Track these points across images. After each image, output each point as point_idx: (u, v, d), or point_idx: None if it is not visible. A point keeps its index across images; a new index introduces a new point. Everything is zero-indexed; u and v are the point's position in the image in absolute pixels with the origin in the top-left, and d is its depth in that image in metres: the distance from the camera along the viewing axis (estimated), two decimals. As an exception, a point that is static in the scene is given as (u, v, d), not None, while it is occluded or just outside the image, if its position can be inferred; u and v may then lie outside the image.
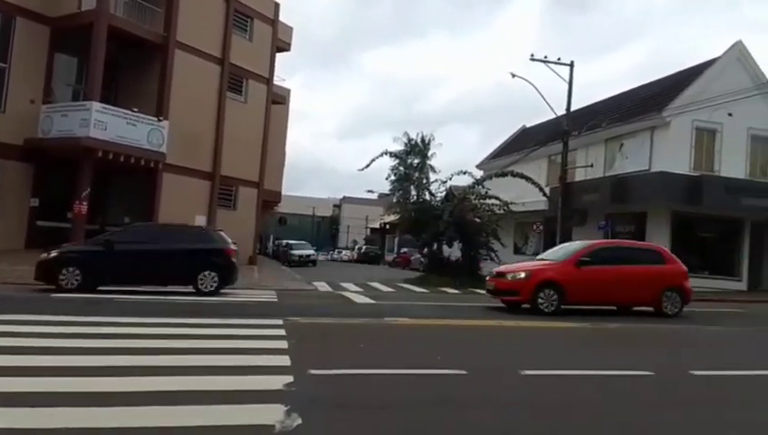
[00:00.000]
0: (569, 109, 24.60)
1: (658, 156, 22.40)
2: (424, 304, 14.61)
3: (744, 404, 5.80)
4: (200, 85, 23.70)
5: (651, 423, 4.87)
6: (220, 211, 25.01)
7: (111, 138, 19.74)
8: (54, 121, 19.93)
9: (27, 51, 20.10)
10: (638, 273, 13.04)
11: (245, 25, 26.41)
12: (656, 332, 11.19)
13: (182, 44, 22.81)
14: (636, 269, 13.10)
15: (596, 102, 30.33)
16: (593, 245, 13.93)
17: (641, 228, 22.99)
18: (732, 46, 23.32)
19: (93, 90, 19.93)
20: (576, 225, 25.32)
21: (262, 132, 27.37)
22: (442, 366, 6.54)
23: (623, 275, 12.80)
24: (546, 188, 25.37)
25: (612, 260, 13.10)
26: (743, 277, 22.93)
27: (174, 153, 22.02)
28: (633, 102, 25.92)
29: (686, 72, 24.67)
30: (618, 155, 24.70)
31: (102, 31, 19.88)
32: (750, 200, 21.51)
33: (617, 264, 13.01)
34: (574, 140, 25.13)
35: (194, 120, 23.24)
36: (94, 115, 19.28)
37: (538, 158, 28.18)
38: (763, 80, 22.71)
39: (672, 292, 13.21)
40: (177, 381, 5.36)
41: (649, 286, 12.95)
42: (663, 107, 22.38)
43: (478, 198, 23.75)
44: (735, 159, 22.67)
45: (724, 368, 7.47)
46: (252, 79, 26.69)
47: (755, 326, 13.06)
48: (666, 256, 14.13)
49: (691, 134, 22.44)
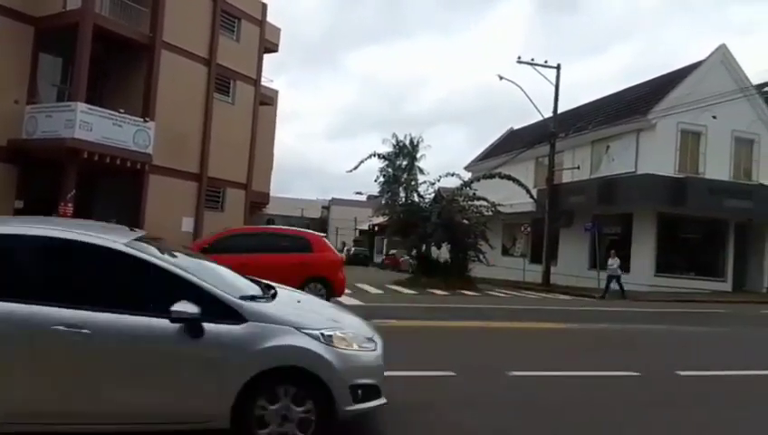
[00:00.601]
0: (556, 111, 24.80)
1: (644, 158, 22.61)
2: (413, 305, 14.62)
3: (730, 403, 5.87)
4: (187, 86, 23.52)
5: (642, 422, 4.91)
6: (207, 213, 24.84)
7: (97, 139, 19.52)
8: (39, 122, 19.68)
9: (11, 51, 19.82)
10: (270, 262, 11.35)
11: (233, 26, 26.27)
12: (644, 333, 11.29)
13: (168, 45, 22.63)
14: (269, 258, 11.57)
15: (583, 105, 30.56)
16: (224, 232, 13.03)
17: (628, 230, 23.20)
18: (716, 50, 23.61)
19: (78, 90, 19.70)
20: (563, 226, 25.51)
21: (249, 133, 27.22)
22: (431, 368, 6.54)
23: (249, 263, 10.52)
24: (534, 189, 25.52)
25: (241, 248, 11.67)
26: (727, 278, 23.17)
27: (160, 154, 21.83)
28: (619, 105, 26.14)
29: (672, 75, 24.93)
30: (604, 157, 24.89)
31: (88, 31, 19.66)
32: (733, 202, 21.76)
33: (247, 252, 11.39)
34: (561, 142, 25.32)
35: (181, 121, 23.06)
36: (79, 116, 19.05)
37: (525, 160, 28.33)
38: (746, 83, 23.00)
39: (317, 283, 11.97)
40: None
41: (286, 277, 9.45)
42: (648, 109, 22.60)
43: (466, 199, 23.85)
44: (719, 161, 22.94)
45: (709, 368, 7.55)
46: (239, 80, 26.55)
47: (731, 327, 13.20)
48: (315, 243, 12.68)
49: (676, 136, 22.68)
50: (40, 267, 3.89)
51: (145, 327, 3.72)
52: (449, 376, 6.25)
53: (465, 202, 23.77)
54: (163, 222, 22.24)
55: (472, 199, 23.67)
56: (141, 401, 3.75)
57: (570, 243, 25.70)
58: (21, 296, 3.62)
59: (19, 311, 3.57)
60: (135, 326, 3.71)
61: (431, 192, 25.51)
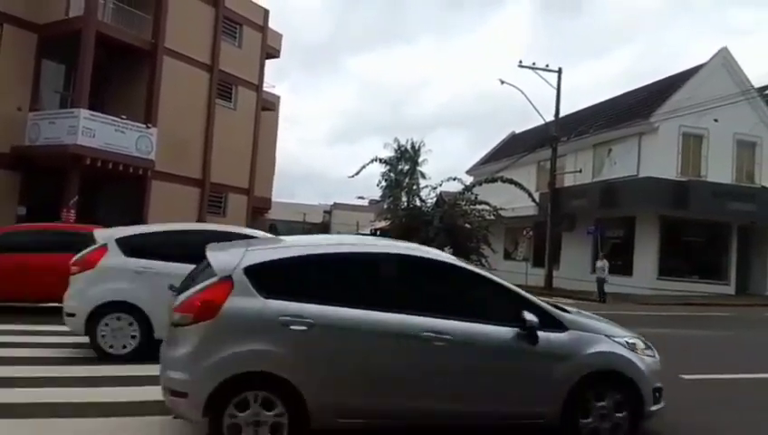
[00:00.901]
0: (557, 115, 24.80)
1: (646, 161, 22.58)
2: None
3: (733, 406, 5.84)
4: (189, 92, 23.60)
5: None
6: (210, 218, 24.85)
7: (100, 145, 19.59)
8: (42, 129, 19.76)
9: (14, 58, 19.91)
10: (48, 263, 9.41)
11: (234, 32, 26.38)
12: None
13: (171, 51, 22.72)
14: (47, 259, 9.66)
15: (584, 108, 30.57)
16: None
17: (630, 233, 23.16)
18: (717, 52, 23.60)
19: (81, 97, 19.78)
20: (565, 230, 25.47)
21: (251, 139, 27.28)
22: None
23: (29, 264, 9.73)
24: (536, 193, 25.49)
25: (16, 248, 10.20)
26: (731, 281, 23.09)
27: (163, 160, 21.89)
28: (621, 108, 26.13)
29: (673, 78, 24.93)
30: (606, 160, 24.88)
31: (90, 37, 19.76)
32: (736, 205, 21.71)
33: (22, 252, 10.04)
34: (563, 145, 25.30)
35: (183, 126, 23.13)
36: (82, 122, 19.13)
37: (527, 163, 28.33)
38: (748, 85, 22.99)
39: None
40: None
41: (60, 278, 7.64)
42: (650, 113, 22.58)
43: (468, 203, 23.80)
44: (722, 164, 22.89)
45: (713, 372, 7.52)
46: (241, 85, 26.64)
47: (734, 330, 13.14)
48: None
49: (678, 140, 22.65)
50: (411, 283, 4.51)
51: (494, 334, 4.33)
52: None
53: (467, 206, 23.73)
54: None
55: (474, 204, 23.63)
56: (490, 398, 4.33)
57: (572, 247, 25.66)
58: (395, 307, 4.19)
59: (393, 319, 4.15)
60: (486, 333, 4.32)
61: (433, 196, 25.46)
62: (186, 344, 3.89)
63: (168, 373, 3.93)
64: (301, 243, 4.92)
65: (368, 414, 4.11)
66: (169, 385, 3.92)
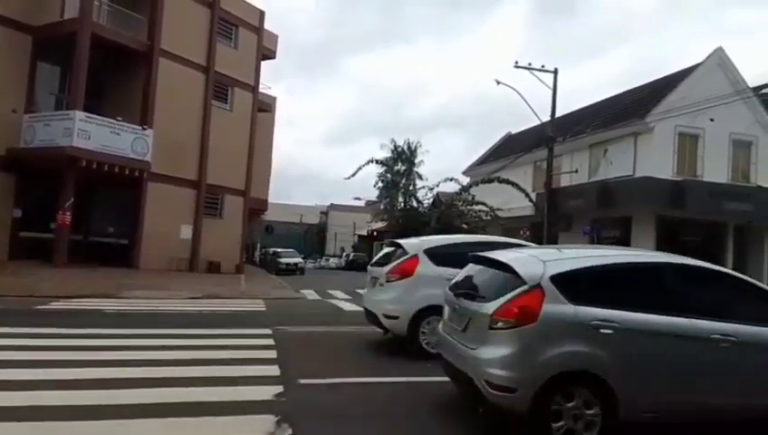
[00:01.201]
0: (553, 115, 24.83)
1: (642, 161, 22.64)
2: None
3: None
4: (185, 93, 23.56)
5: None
6: (206, 220, 24.84)
7: (95, 147, 19.55)
8: (37, 131, 19.70)
9: (9, 60, 19.85)
10: None
11: (230, 33, 26.35)
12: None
13: (166, 52, 22.69)
14: None
15: (580, 108, 30.60)
16: None
17: (627, 233, 23.20)
18: (713, 52, 23.67)
19: (77, 99, 19.73)
20: (562, 230, 25.50)
21: (248, 140, 27.26)
22: (433, 374, 6.52)
23: None
24: (532, 193, 25.53)
25: None
26: (727, 280, 23.11)
27: (159, 162, 21.85)
28: (617, 108, 26.19)
29: (669, 78, 24.99)
30: (602, 160, 24.93)
31: (85, 39, 19.71)
32: (732, 205, 21.77)
33: None
34: (559, 146, 25.34)
35: (179, 128, 23.09)
36: (78, 124, 19.08)
37: (524, 164, 28.36)
38: (743, 85, 23.07)
39: None
40: (166, 393, 5.29)
41: None
42: (646, 113, 22.64)
43: (465, 204, 23.89)
44: (718, 163, 22.96)
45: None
46: (237, 87, 26.61)
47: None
48: None
49: (674, 139, 22.72)
50: (692, 290, 4.89)
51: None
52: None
53: (463, 207, 23.82)
54: (162, 230, 22.25)
55: (470, 204, 23.71)
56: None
57: (569, 247, 25.68)
58: (680, 312, 4.60)
59: (683, 323, 4.56)
60: (764, 335, 4.73)
61: (430, 197, 25.58)
62: (508, 346, 4.33)
63: (490, 371, 4.32)
64: (585, 254, 5.31)
65: (665, 409, 4.53)
66: (494, 381, 4.30)
